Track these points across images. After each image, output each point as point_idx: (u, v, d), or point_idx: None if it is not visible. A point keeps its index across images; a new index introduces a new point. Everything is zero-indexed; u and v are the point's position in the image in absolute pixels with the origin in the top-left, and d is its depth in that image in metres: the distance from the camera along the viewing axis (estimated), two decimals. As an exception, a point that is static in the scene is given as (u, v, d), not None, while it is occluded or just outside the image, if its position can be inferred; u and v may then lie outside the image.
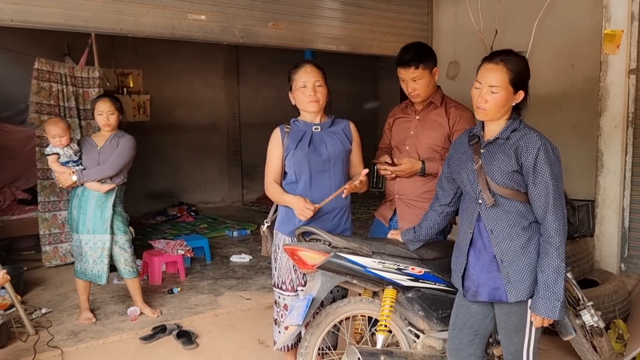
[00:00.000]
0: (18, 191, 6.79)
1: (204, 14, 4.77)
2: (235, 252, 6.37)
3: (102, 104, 4.10)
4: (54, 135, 4.02)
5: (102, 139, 4.17)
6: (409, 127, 3.28)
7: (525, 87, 2.34)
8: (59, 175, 4.08)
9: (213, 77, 9.60)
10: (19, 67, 6.47)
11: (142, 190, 8.72)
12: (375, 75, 11.45)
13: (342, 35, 5.72)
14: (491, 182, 2.32)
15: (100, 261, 4.14)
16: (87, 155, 4.12)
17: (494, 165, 2.32)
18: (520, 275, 2.30)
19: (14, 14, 3.98)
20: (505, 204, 2.32)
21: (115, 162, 4.09)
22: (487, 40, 5.56)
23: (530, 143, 2.25)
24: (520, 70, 2.31)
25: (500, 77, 2.28)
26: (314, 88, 2.93)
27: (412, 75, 3.10)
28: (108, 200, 4.13)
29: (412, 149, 3.23)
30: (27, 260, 5.96)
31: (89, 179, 4.04)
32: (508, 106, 2.33)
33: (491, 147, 2.36)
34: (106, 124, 4.10)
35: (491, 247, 2.35)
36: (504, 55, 2.32)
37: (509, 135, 2.32)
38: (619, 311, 3.86)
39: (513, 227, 2.31)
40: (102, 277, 4.16)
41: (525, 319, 2.35)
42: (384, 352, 2.71)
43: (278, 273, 3.06)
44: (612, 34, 4.51)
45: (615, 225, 4.64)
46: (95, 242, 4.13)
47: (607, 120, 4.62)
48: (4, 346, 3.78)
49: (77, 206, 4.13)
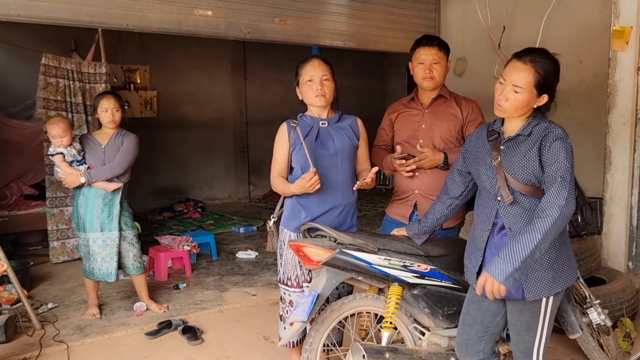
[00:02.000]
0: (25, 186, 6.82)
1: (210, 10, 4.75)
2: (242, 248, 6.38)
3: (107, 101, 4.08)
4: (55, 136, 3.99)
5: (104, 137, 4.14)
6: (418, 121, 3.24)
7: (550, 91, 2.28)
8: (65, 175, 4.05)
9: (220, 73, 9.60)
10: (26, 63, 6.48)
11: (149, 186, 8.75)
12: (382, 71, 11.42)
13: (349, 31, 5.70)
14: (511, 178, 2.28)
15: (110, 259, 4.14)
16: (91, 154, 4.10)
17: (515, 161, 2.27)
18: (539, 273, 2.27)
19: (20, 9, 3.98)
20: (524, 201, 2.28)
21: (123, 161, 4.09)
22: (494, 36, 5.52)
23: (551, 134, 2.21)
24: (548, 74, 2.24)
25: (526, 78, 2.21)
26: (321, 82, 2.92)
27: (434, 57, 3.15)
28: (115, 198, 4.14)
29: (426, 142, 3.18)
30: (34, 255, 5.99)
31: (97, 179, 4.04)
32: (529, 107, 2.28)
33: (511, 144, 2.32)
34: (111, 120, 4.08)
35: (507, 244, 2.31)
36: (535, 55, 2.25)
37: (531, 131, 2.27)
38: (626, 309, 3.84)
39: None
40: (111, 275, 4.17)
41: (538, 317, 2.33)
42: (389, 349, 2.70)
43: (283, 269, 3.05)
44: (621, 31, 4.47)
45: (623, 223, 4.61)
46: (104, 239, 4.13)
47: (615, 117, 4.58)
48: (11, 340, 3.80)
49: (83, 205, 4.10)
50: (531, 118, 2.30)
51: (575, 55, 4.97)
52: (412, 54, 3.25)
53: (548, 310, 2.32)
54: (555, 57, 2.31)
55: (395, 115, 3.36)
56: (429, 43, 3.17)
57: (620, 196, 4.59)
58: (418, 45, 3.21)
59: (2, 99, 6.69)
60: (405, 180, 3.24)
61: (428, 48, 3.15)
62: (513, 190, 2.29)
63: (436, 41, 3.20)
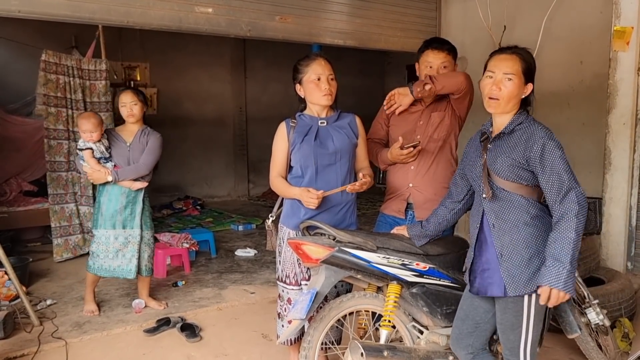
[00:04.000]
0: (24, 183, 6.81)
1: (210, 7, 4.75)
2: (240, 246, 6.37)
3: (125, 96, 4.10)
4: (85, 131, 3.98)
5: (129, 134, 4.16)
6: (416, 118, 3.24)
7: (533, 80, 2.37)
8: (92, 171, 4.03)
9: (220, 71, 9.60)
10: (26, 59, 6.48)
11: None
12: (382, 70, 11.41)
13: (350, 29, 5.69)
14: (494, 175, 2.34)
15: (131, 256, 4.16)
16: (117, 151, 4.11)
17: (498, 158, 2.33)
18: (519, 269, 2.29)
19: (21, 5, 3.98)
20: (506, 197, 2.33)
21: (149, 162, 4.15)
22: (495, 36, 5.52)
23: (536, 136, 2.26)
24: (530, 62, 2.36)
25: (515, 65, 2.32)
26: (328, 81, 2.92)
27: (443, 60, 3.16)
28: (138, 196, 4.17)
29: (423, 138, 3.18)
30: (33, 251, 5.98)
31: (124, 178, 4.06)
32: (518, 98, 2.34)
33: (497, 142, 2.37)
34: (130, 114, 4.09)
35: (493, 242, 2.36)
36: (515, 48, 2.38)
37: (513, 128, 2.33)
38: (625, 310, 3.84)
39: (515, 221, 2.31)
40: (132, 272, 4.18)
41: (522, 316, 2.33)
42: (388, 348, 2.71)
43: (282, 267, 3.05)
44: (621, 31, 4.47)
45: (622, 224, 4.61)
46: (126, 237, 4.15)
47: (615, 117, 4.58)
48: (9, 337, 3.80)
49: (106, 201, 4.11)
50: (516, 115, 2.36)
51: (576, 55, 4.98)
52: (420, 55, 3.25)
53: (532, 309, 2.32)
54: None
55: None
56: (439, 47, 3.17)
57: (620, 196, 4.60)
58: (427, 47, 3.20)
59: (2, 95, 6.68)
60: (400, 176, 3.25)
61: (438, 52, 3.16)
62: (496, 187, 2.34)
63: (446, 45, 3.20)
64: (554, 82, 5.01)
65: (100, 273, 4.20)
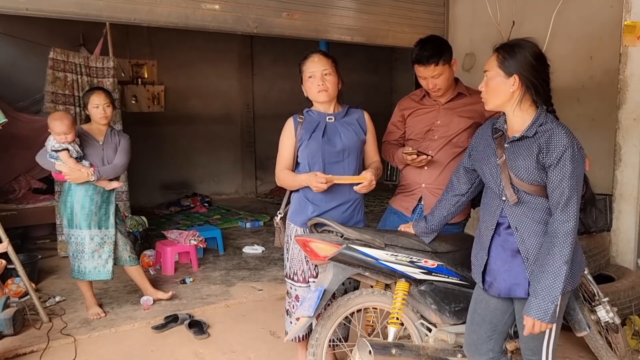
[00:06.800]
0: (33, 180, 6.85)
1: (217, 4, 4.74)
2: (248, 243, 6.38)
3: (98, 97, 4.04)
4: (60, 133, 3.81)
5: (99, 132, 4.12)
6: (433, 117, 3.19)
7: (520, 72, 2.19)
8: (71, 171, 3.92)
9: (227, 68, 9.60)
10: (35, 57, 6.50)
11: (156, 181, 8.78)
12: (390, 66, 11.38)
13: (357, 26, 5.67)
14: (515, 178, 2.24)
15: (107, 256, 4.13)
16: (90, 150, 4.05)
17: (519, 161, 2.22)
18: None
19: (29, 2, 3.99)
20: (530, 201, 2.24)
21: (124, 163, 4.16)
22: (504, 31, 5.48)
23: (558, 143, 2.13)
24: (512, 53, 2.21)
25: (491, 61, 2.27)
26: (322, 77, 2.90)
27: (433, 73, 3.03)
28: (111, 196, 4.18)
29: (441, 138, 3.15)
30: (42, 249, 6.02)
31: (105, 177, 4.05)
32: (507, 95, 2.22)
33: (516, 144, 2.26)
34: (103, 116, 4.06)
35: (513, 243, 2.28)
36: (501, 44, 2.30)
37: (536, 131, 2.20)
38: (635, 307, 3.80)
39: (539, 224, 2.23)
40: (109, 273, 4.15)
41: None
42: (396, 345, 2.69)
43: (290, 264, 3.05)
44: (632, 26, 4.41)
45: (633, 221, 4.56)
46: (102, 237, 4.12)
47: (625, 113, 4.53)
48: (19, 333, 3.82)
49: (80, 201, 4.02)
50: (536, 116, 2.22)
51: (586, 51, 4.92)
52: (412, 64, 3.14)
53: (556, 309, 2.29)
54: (526, 40, 2.28)
55: (408, 112, 3.30)
56: (424, 63, 3.01)
57: (630, 193, 4.55)
58: (415, 61, 3.06)
59: (11, 93, 6.70)
60: (413, 174, 3.22)
61: (425, 67, 3.02)
62: (518, 190, 2.25)
63: (432, 59, 2.99)
64: (563, 78, 4.94)
65: (82, 277, 4.13)
